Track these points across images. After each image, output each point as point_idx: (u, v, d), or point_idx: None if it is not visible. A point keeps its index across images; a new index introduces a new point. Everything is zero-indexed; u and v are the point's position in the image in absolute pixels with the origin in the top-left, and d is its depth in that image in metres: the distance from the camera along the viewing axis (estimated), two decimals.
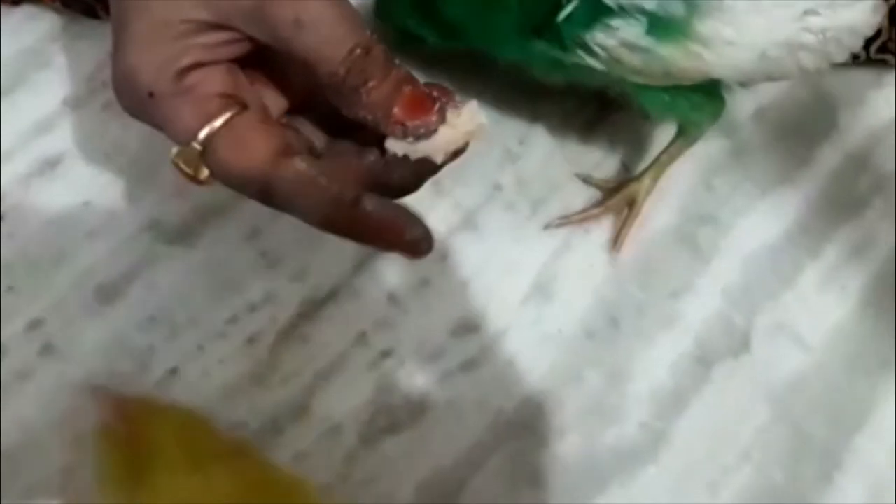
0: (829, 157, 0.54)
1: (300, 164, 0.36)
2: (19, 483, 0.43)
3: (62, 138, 0.50)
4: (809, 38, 0.42)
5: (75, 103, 0.50)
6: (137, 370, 0.45)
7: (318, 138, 0.40)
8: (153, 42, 0.37)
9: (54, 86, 0.51)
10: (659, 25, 0.40)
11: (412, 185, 0.39)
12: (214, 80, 0.37)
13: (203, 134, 0.36)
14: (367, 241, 0.38)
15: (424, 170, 0.39)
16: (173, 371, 0.46)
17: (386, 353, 0.47)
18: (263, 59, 0.39)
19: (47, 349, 0.45)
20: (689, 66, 0.41)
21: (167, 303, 0.47)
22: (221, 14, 0.37)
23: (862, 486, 0.47)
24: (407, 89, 0.37)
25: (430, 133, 0.37)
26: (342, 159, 0.39)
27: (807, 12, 0.42)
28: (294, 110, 0.41)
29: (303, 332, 0.47)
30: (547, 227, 0.51)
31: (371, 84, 0.37)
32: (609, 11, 0.40)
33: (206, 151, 0.37)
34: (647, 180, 0.50)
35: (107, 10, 0.51)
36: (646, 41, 0.40)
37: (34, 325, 0.46)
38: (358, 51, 0.36)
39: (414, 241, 0.37)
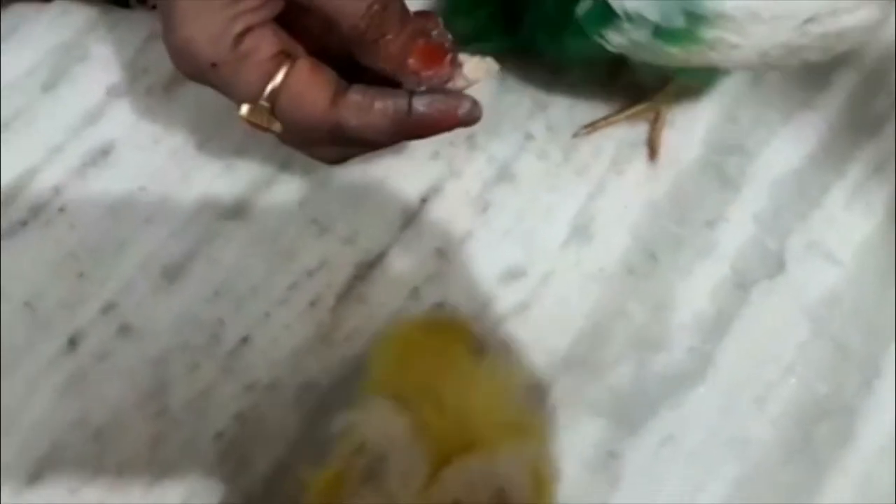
0: (846, 79, 0.55)
1: (356, 96, 0.41)
2: (111, 460, 0.46)
3: (110, 127, 0.51)
4: (810, 41, 0.42)
5: (119, 91, 0.52)
6: (210, 342, 0.48)
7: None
8: (203, 14, 0.40)
9: (96, 76, 0.52)
10: (664, 32, 0.42)
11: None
12: (268, 42, 0.41)
13: (268, 91, 0.40)
14: (432, 134, 0.42)
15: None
16: (244, 340, 0.48)
17: (439, 305, 0.50)
18: (286, 16, 0.41)
19: (124, 330, 0.48)
20: (696, 62, 0.43)
21: (230, 276, 0.49)
22: None
23: None
24: (421, 41, 0.41)
25: (442, 82, 0.41)
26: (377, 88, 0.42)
27: (808, 21, 0.42)
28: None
29: (359, 292, 0.49)
30: (575, 135, 0.53)
31: (388, 37, 0.40)
32: (618, 16, 0.42)
33: (274, 105, 0.41)
34: (669, 90, 0.52)
35: None
36: (654, 43, 0.42)
37: (108, 308, 0.48)
38: (376, 6, 0.39)
39: (466, 115, 0.42)
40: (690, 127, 0.54)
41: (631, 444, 0.48)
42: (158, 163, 0.51)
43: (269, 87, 0.40)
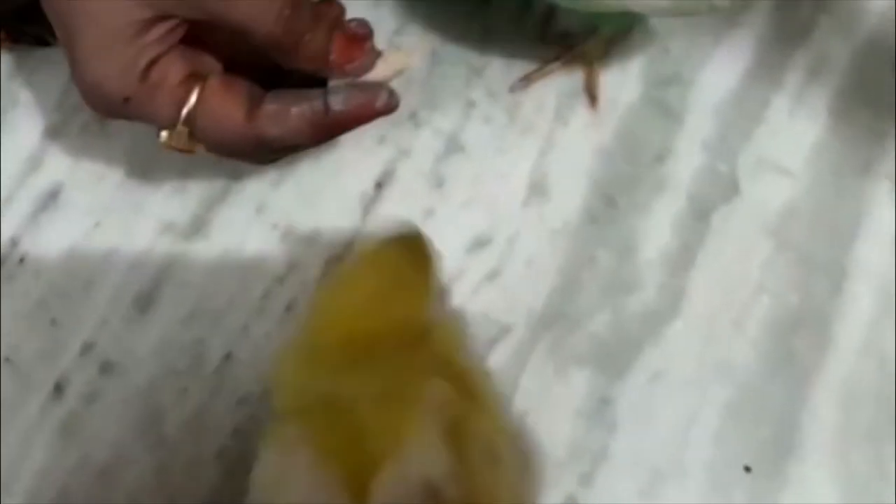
0: None
1: (271, 106, 0.42)
2: (119, 495, 0.47)
3: (53, 170, 0.51)
4: None
5: (54, 133, 0.52)
6: (194, 364, 0.48)
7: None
8: (108, 51, 0.40)
9: (29, 122, 0.52)
10: None
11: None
12: (176, 67, 0.41)
13: (183, 115, 0.41)
14: (354, 128, 0.43)
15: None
16: (227, 356, 0.48)
17: None
18: (193, 33, 0.42)
19: (106, 367, 0.48)
20: (613, 6, 0.44)
21: (201, 295, 0.49)
22: (160, 8, 0.40)
23: (869, 288, 0.50)
24: (338, 34, 0.42)
25: (366, 70, 0.42)
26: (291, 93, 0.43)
27: None
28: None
29: None
30: (512, 89, 0.53)
31: (306, 38, 0.41)
32: None
33: (192, 128, 0.42)
34: (601, 36, 0.53)
35: (55, 35, 0.52)
36: None
37: (87, 348, 0.48)
38: (286, 11, 0.40)
39: (384, 105, 0.43)
40: (625, 66, 0.54)
41: (620, 388, 0.49)
42: (108, 197, 0.51)
43: (184, 111, 0.41)
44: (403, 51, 0.43)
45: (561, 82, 0.54)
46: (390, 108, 0.42)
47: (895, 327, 0.50)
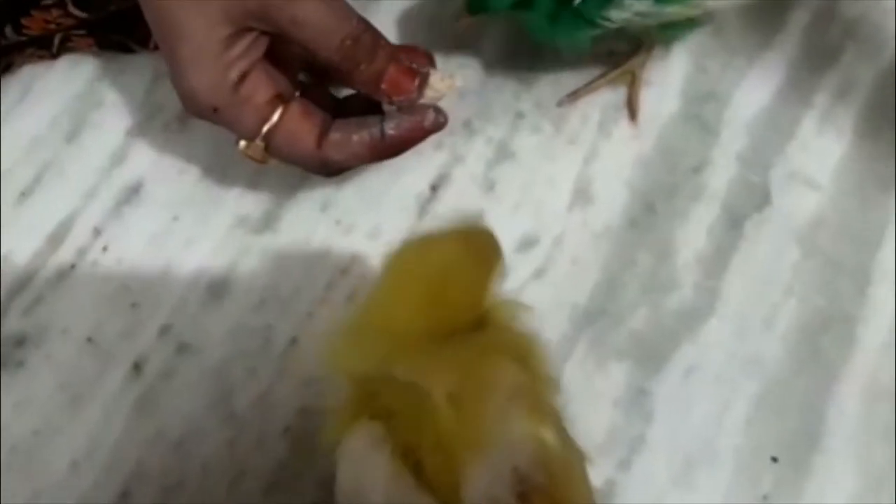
0: (799, 16, 0.60)
1: (336, 135, 0.46)
2: (195, 465, 0.50)
3: (136, 165, 0.55)
4: None
5: (137, 132, 0.56)
6: (263, 347, 0.52)
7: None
8: (200, 64, 0.45)
9: (114, 121, 0.56)
10: None
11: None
12: (263, 86, 0.46)
13: (264, 131, 0.46)
14: (408, 149, 0.48)
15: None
16: (293, 341, 0.52)
17: None
18: (275, 48, 0.46)
19: (182, 348, 0.52)
20: (693, 13, 0.48)
21: (271, 283, 0.53)
22: (239, 22, 0.44)
23: (891, 292, 0.54)
24: (391, 69, 0.46)
25: (413, 101, 0.47)
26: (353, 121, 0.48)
27: None
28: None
29: None
30: (559, 104, 0.57)
31: (361, 67, 0.45)
32: None
33: (268, 143, 0.46)
34: (641, 54, 0.57)
35: (139, 42, 0.57)
36: (654, 8, 0.47)
37: (164, 330, 0.52)
38: (348, 42, 0.45)
39: (433, 124, 0.47)
40: (665, 83, 0.58)
41: (658, 380, 0.52)
42: (186, 192, 0.55)
43: (266, 128, 0.46)
44: (447, 76, 0.47)
45: (605, 96, 0.58)
46: (438, 126, 0.47)
47: None
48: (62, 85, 0.57)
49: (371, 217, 0.55)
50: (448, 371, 0.39)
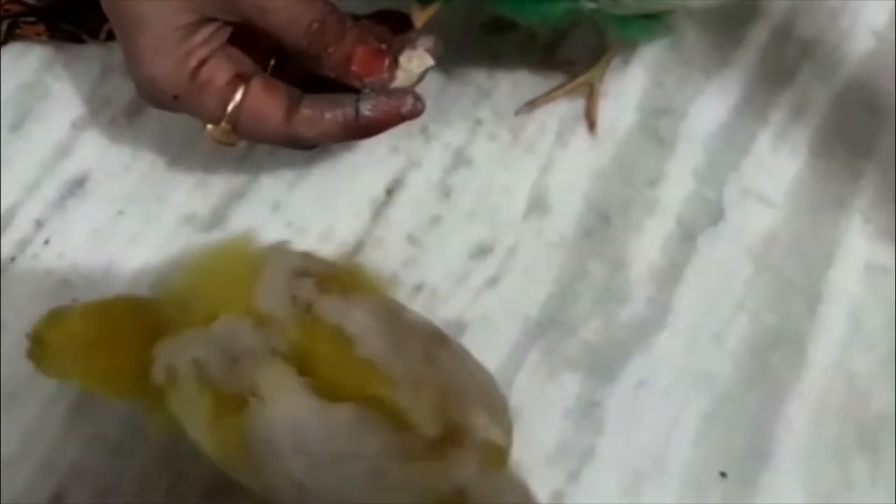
0: (757, 34, 0.60)
1: (307, 110, 0.45)
2: (132, 469, 0.49)
3: (81, 158, 0.54)
4: None
5: (84, 124, 0.55)
6: None
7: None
8: (159, 52, 0.44)
9: (60, 112, 0.55)
10: None
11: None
12: (222, 69, 0.45)
13: (228, 112, 0.45)
14: (382, 131, 0.47)
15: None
16: None
17: (418, 287, 0.53)
18: (240, 33, 0.46)
19: None
20: (674, 3, 0.47)
21: None
22: (202, 12, 0.43)
23: (842, 311, 0.54)
24: (360, 50, 0.45)
25: (386, 83, 0.46)
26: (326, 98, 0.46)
27: None
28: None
29: None
30: (518, 113, 0.57)
31: (329, 50, 0.44)
32: None
33: (235, 124, 0.45)
34: (599, 66, 0.57)
35: (89, 33, 0.55)
36: None
37: None
38: (315, 25, 0.44)
39: (410, 111, 0.46)
40: (623, 96, 0.58)
41: (609, 392, 0.52)
42: (132, 187, 0.54)
43: (229, 109, 0.45)
44: (417, 56, 0.46)
45: (563, 107, 0.58)
46: (415, 112, 0.46)
47: (864, 349, 0.53)
48: (7, 74, 0.55)
49: (323, 219, 0.54)
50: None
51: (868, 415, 0.52)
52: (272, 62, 0.48)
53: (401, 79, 0.46)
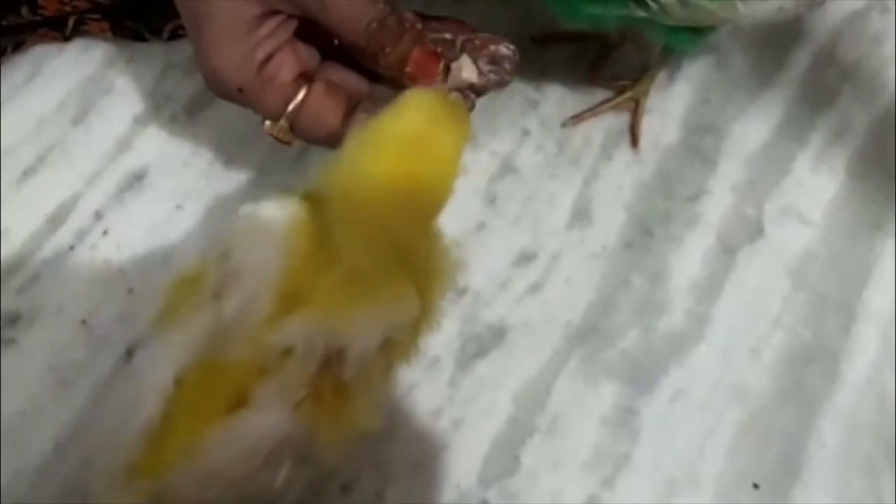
0: (799, 58, 0.62)
1: (362, 116, 0.46)
2: None
3: (141, 153, 0.55)
4: None
5: (145, 119, 0.56)
6: None
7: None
8: (227, 44, 0.45)
9: (122, 107, 0.56)
10: None
11: None
12: (288, 66, 0.46)
13: (289, 111, 0.45)
14: None
15: None
16: None
17: (462, 291, 0.54)
18: (305, 25, 0.46)
19: None
20: (723, 17, 0.48)
21: None
22: (268, 3, 0.44)
23: (875, 331, 0.55)
24: (416, 52, 0.45)
25: (438, 84, 0.46)
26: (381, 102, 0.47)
27: None
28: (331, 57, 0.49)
29: None
30: (564, 125, 0.58)
31: (387, 50, 0.45)
32: None
33: (293, 124, 0.46)
34: (645, 82, 0.58)
35: (152, 31, 0.57)
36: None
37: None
38: (374, 24, 0.44)
39: None
40: (668, 112, 0.60)
41: (646, 401, 0.53)
42: (190, 183, 0.55)
43: (290, 108, 0.46)
44: (471, 67, 0.47)
45: (609, 120, 0.59)
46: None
47: (894, 368, 0.54)
48: (72, 68, 0.57)
49: None
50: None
51: None
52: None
53: (451, 82, 0.47)
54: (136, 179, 0.55)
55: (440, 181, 0.44)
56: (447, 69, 0.47)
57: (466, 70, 0.47)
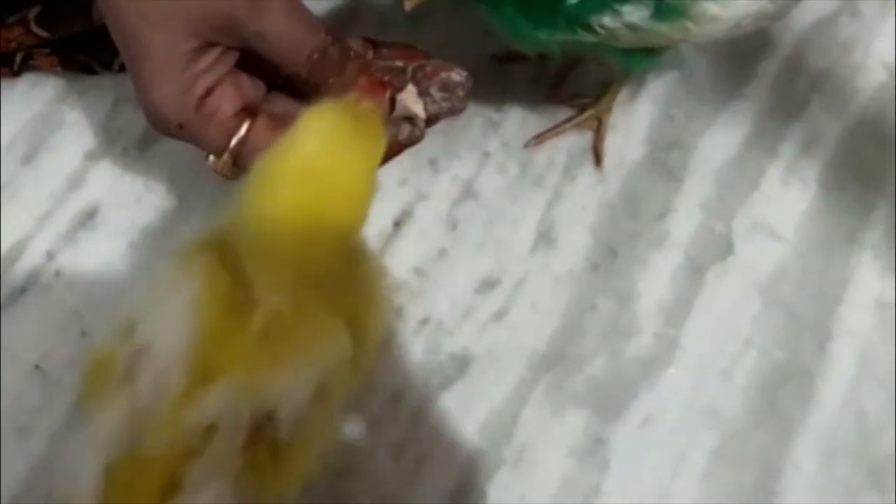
0: (767, 67, 0.60)
1: None
2: None
3: (93, 190, 0.54)
4: (775, 9, 0.47)
5: (96, 155, 0.55)
6: None
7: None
8: (163, 79, 0.44)
9: (73, 143, 0.55)
10: (663, 9, 0.44)
11: None
12: (229, 100, 0.45)
13: (232, 146, 0.44)
14: (383, 163, 0.44)
15: None
16: None
17: (424, 321, 0.53)
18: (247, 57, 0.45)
19: None
20: (675, 38, 0.46)
21: None
22: (204, 36, 0.43)
23: (852, 348, 0.54)
24: (362, 80, 0.44)
25: (385, 113, 0.44)
26: None
27: None
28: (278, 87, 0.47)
29: None
30: (526, 146, 0.57)
31: (330, 81, 0.44)
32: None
33: (236, 158, 0.45)
34: (606, 100, 0.57)
35: (103, 64, 0.56)
36: (647, 22, 0.45)
37: None
38: (315, 55, 0.43)
39: (407, 139, 0.45)
40: (632, 129, 0.58)
41: (615, 429, 0.51)
42: (143, 219, 0.54)
43: (233, 143, 0.44)
44: (417, 101, 0.46)
45: (571, 140, 0.58)
46: (413, 139, 0.45)
47: (873, 387, 0.53)
48: (22, 104, 0.56)
49: None
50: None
51: (877, 454, 0.51)
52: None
53: (398, 111, 0.45)
54: (88, 217, 0.54)
55: (351, 202, 0.41)
56: (392, 101, 0.45)
57: (410, 101, 0.45)
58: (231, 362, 0.37)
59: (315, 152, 0.40)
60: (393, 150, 0.45)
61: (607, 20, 0.45)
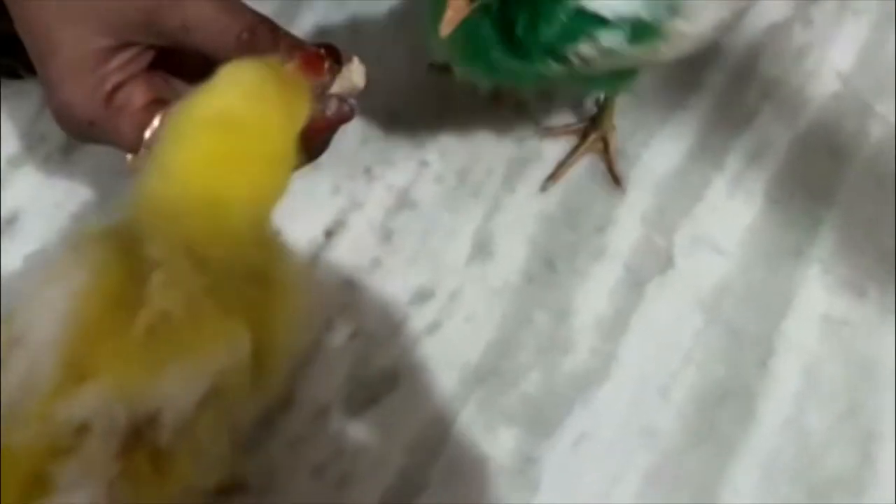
0: (715, 77, 0.59)
1: None
2: None
3: (13, 196, 0.53)
4: (731, 16, 0.45)
5: (18, 161, 0.54)
6: None
7: None
8: (73, 77, 0.42)
9: None
10: (639, 31, 0.42)
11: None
12: (139, 93, 0.43)
13: (146, 138, 0.42)
14: (311, 145, 0.43)
15: None
16: None
17: (354, 334, 0.51)
18: (166, 59, 0.44)
19: None
20: (646, 59, 0.44)
21: None
22: (120, 35, 0.42)
23: (795, 364, 0.52)
24: (297, 54, 0.42)
25: (325, 87, 0.42)
26: None
27: None
28: None
29: None
30: (543, 189, 0.55)
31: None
32: (600, 24, 0.41)
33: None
34: (606, 117, 0.55)
35: (28, 68, 0.54)
36: (622, 46, 0.42)
37: None
38: (244, 35, 0.41)
39: (336, 113, 0.43)
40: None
41: (547, 447, 0.50)
42: (64, 225, 0.52)
43: (147, 135, 0.42)
44: (356, 66, 0.44)
45: (510, 151, 0.56)
46: (345, 114, 0.43)
47: (819, 405, 0.51)
48: None
49: None
50: None
51: (821, 477, 0.50)
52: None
53: (335, 86, 0.43)
54: (7, 224, 0.52)
55: (268, 165, 0.38)
56: (333, 72, 0.43)
57: (357, 74, 0.43)
58: (110, 361, 0.34)
59: (231, 103, 0.37)
60: (321, 126, 0.43)
61: (584, 48, 0.43)
